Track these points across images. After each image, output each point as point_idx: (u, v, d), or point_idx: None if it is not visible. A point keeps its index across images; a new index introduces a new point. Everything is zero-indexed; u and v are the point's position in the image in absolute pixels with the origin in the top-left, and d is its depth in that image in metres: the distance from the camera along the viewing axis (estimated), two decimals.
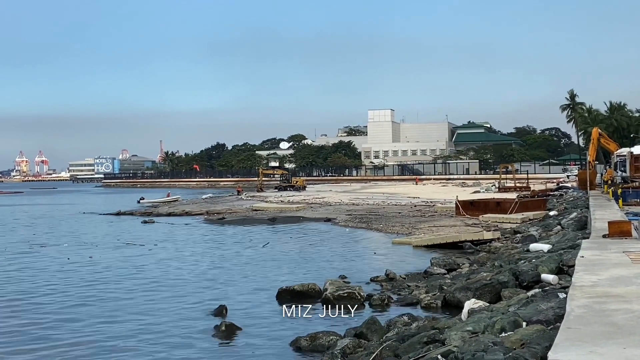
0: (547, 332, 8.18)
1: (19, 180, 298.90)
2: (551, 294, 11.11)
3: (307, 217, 45.64)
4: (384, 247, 29.18)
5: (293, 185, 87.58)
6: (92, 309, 17.39)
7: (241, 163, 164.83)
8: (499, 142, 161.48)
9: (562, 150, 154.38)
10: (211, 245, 32.27)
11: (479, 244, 26.60)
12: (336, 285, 17.41)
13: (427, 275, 20.13)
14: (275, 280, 20.70)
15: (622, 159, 42.11)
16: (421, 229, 34.07)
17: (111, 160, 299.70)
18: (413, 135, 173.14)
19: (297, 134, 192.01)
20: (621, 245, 13.54)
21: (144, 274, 23.30)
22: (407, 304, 16.24)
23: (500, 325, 9.20)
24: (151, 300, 18.50)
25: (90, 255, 28.46)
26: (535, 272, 14.22)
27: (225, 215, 50.19)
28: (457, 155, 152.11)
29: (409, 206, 49.98)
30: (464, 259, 22.26)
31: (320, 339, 12.73)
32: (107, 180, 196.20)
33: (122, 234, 38.47)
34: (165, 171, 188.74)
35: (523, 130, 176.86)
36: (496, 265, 18.37)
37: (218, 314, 16.02)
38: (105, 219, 52.38)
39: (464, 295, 14.50)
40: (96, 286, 20.96)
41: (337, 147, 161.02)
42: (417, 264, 23.18)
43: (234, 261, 26.18)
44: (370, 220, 40.48)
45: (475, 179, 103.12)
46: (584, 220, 23.78)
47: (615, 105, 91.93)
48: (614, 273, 10.13)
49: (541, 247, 18.73)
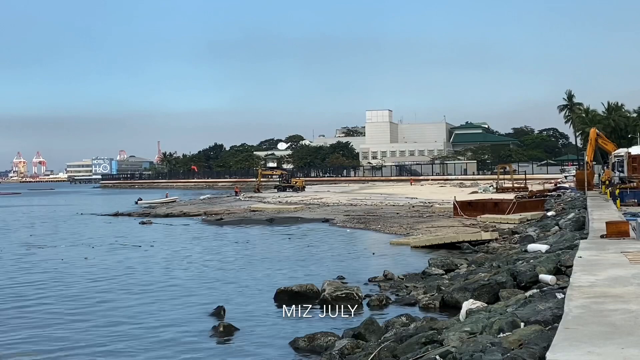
0: (545, 332, 8.19)
1: (17, 181, 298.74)
2: (549, 295, 11.11)
3: (305, 217, 45.64)
4: (382, 247, 29.17)
5: (292, 186, 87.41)
6: (88, 310, 17.34)
7: (239, 164, 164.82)
8: (497, 142, 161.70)
9: (559, 151, 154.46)
10: (209, 246, 32.24)
11: (477, 245, 26.62)
12: (334, 285, 17.40)
13: (425, 275, 20.12)
14: (273, 280, 20.70)
15: (620, 160, 42.18)
16: (419, 230, 34.07)
17: (109, 161, 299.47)
18: (411, 135, 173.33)
19: (294, 135, 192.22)
20: (619, 246, 13.55)
21: (141, 275, 23.26)
22: (405, 304, 16.24)
23: (499, 325, 9.20)
24: (148, 301, 18.47)
25: (86, 257, 28.42)
26: (533, 273, 14.23)
27: (224, 216, 50.16)
28: (455, 156, 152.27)
29: (407, 207, 49.98)
30: (462, 260, 22.24)
31: (318, 339, 12.73)
32: (105, 181, 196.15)
33: (119, 235, 38.41)
34: (163, 172, 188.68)
35: (521, 131, 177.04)
36: (494, 266, 18.37)
37: (216, 314, 16.00)
38: (103, 220, 52.33)
39: (462, 295, 14.50)
40: (92, 287, 20.91)
41: (335, 148, 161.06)
42: (415, 264, 23.18)
43: (232, 262, 26.15)
44: (368, 221, 40.49)
45: (473, 180, 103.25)
46: (582, 221, 23.81)
47: (613, 105, 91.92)
48: (612, 273, 10.14)
49: (539, 248, 18.74)
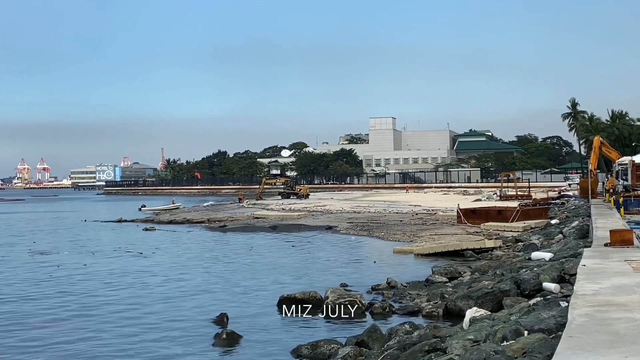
0: (548, 340, 8.16)
1: (21, 187, 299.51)
2: (553, 303, 11.10)
3: (309, 224, 45.61)
4: (385, 255, 29.13)
5: (297, 193, 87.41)
6: (89, 317, 17.32)
7: (242, 171, 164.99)
8: (501, 150, 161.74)
9: (563, 159, 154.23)
10: (212, 252, 32.23)
11: (481, 252, 26.57)
12: (337, 293, 17.37)
13: (428, 283, 20.08)
14: (276, 288, 20.66)
15: (624, 168, 42.13)
16: (422, 237, 34.03)
17: (113, 168, 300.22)
18: (414, 143, 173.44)
19: (298, 142, 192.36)
20: (623, 254, 13.53)
21: (144, 282, 23.25)
22: (408, 312, 16.19)
23: (502, 334, 9.17)
24: (151, 308, 18.45)
25: (85, 263, 28.41)
26: (537, 281, 14.21)
27: (227, 222, 50.17)
28: (458, 164, 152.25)
29: (410, 214, 49.92)
30: (466, 267, 22.19)
31: (321, 347, 12.70)
32: (109, 188, 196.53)
33: (123, 242, 38.43)
34: (166, 179, 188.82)
35: (524, 139, 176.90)
36: (498, 274, 18.34)
37: (219, 322, 15.96)
38: (107, 227, 52.39)
39: (466, 303, 14.47)
40: (94, 294, 20.89)
41: (339, 155, 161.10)
42: (418, 272, 23.13)
43: (234, 269, 26.14)
44: (371, 228, 40.45)
45: (477, 187, 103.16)
46: (586, 229, 23.77)
47: (617, 113, 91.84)
48: (616, 282, 10.12)
49: (543, 256, 18.72)
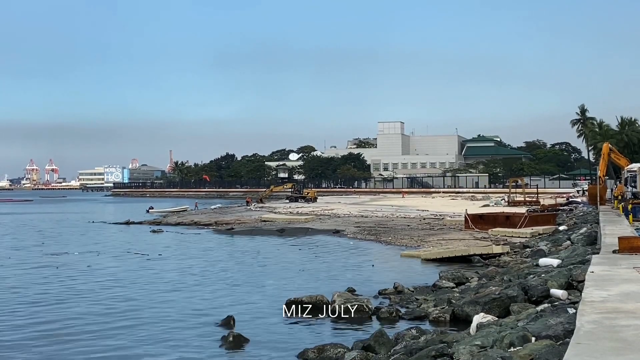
0: (556, 347, 8.15)
1: (29, 188, 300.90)
2: (560, 309, 11.07)
3: (316, 228, 45.63)
4: (392, 259, 29.11)
5: (304, 197, 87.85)
6: (96, 318, 17.38)
7: (250, 174, 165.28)
8: (509, 156, 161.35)
9: (572, 165, 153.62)
10: (219, 255, 32.29)
11: (488, 258, 26.52)
12: (344, 297, 17.37)
13: (435, 288, 20.06)
14: (283, 291, 20.67)
15: (633, 175, 41.93)
16: (430, 242, 33.98)
17: (121, 170, 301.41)
18: (423, 148, 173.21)
19: (306, 145, 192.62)
20: (631, 261, 13.49)
21: (151, 284, 23.31)
22: (415, 317, 16.18)
23: (509, 339, 9.16)
24: (157, 310, 18.50)
25: (89, 264, 28.48)
26: (545, 287, 14.16)
27: (234, 225, 50.28)
28: (466, 169, 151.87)
29: (418, 219, 49.89)
30: (473, 273, 22.14)
31: (327, 351, 12.69)
32: (117, 190, 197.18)
33: (130, 244, 38.56)
34: (174, 181, 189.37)
35: (533, 145, 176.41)
36: (505, 280, 18.30)
37: (225, 324, 16.00)
38: (115, 228, 52.58)
39: (473, 309, 14.44)
40: (102, 296, 20.96)
41: (347, 159, 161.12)
42: (425, 277, 23.10)
43: (241, 272, 26.18)
44: (378, 233, 40.42)
45: (485, 193, 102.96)
46: (594, 236, 23.67)
47: (626, 120, 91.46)
48: (624, 289, 10.09)
49: (550, 262, 18.64)
